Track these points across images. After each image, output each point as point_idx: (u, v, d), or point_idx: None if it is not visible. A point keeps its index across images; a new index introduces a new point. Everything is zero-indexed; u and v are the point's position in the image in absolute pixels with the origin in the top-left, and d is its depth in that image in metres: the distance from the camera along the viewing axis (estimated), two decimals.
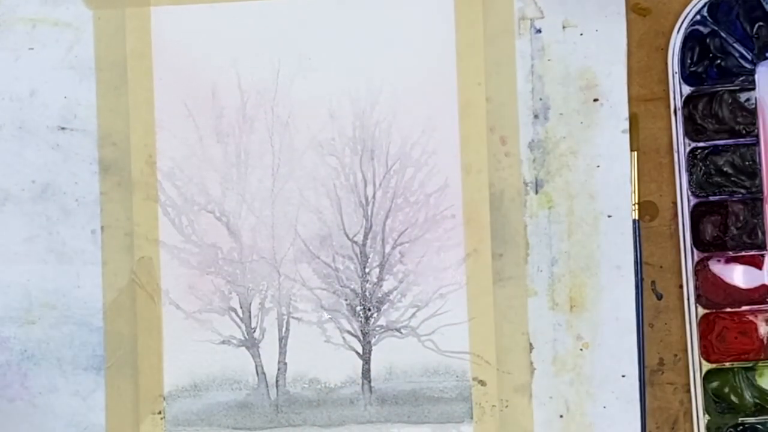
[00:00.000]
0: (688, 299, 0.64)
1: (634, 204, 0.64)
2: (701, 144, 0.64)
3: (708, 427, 0.64)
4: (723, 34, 0.64)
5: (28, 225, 0.65)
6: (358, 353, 0.65)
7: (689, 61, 0.64)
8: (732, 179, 0.64)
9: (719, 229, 0.64)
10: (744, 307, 0.64)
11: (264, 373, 0.65)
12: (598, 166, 0.65)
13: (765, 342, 0.64)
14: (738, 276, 0.64)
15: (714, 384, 0.64)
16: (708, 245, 0.64)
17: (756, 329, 0.64)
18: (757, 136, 0.64)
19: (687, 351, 0.64)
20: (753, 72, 0.64)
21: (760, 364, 0.64)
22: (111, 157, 0.66)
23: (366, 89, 0.65)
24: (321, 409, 0.65)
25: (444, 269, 0.65)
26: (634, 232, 0.64)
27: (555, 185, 0.65)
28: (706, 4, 0.64)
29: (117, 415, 0.65)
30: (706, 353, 0.64)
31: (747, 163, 0.64)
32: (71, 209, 0.65)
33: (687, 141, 0.64)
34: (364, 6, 0.65)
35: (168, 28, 0.66)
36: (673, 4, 0.65)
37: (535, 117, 0.65)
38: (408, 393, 0.65)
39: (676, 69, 0.64)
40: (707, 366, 0.64)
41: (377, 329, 0.65)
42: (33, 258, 0.65)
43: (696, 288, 0.64)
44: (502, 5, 0.65)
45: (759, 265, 0.64)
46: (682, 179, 0.64)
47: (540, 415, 0.64)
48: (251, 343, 0.65)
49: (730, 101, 0.64)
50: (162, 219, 0.65)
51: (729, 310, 0.64)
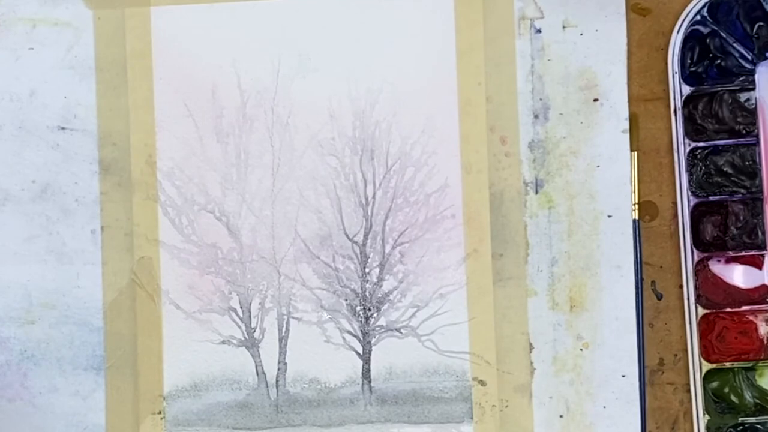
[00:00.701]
0: (688, 299, 0.64)
1: (634, 204, 0.64)
2: (701, 144, 0.64)
3: (708, 427, 0.64)
4: (723, 34, 0.64)
5: (28, 225, 0.65)
6: (358, 353, 0.65)
7: (689, 61, 0.64)
8: (732, 179, 0.64)
9: (719, 229, 0.64)
10: (744, 307, 0.64)
11: (264, 373, 0.65)
12: (598, 166, 0.65)
13: (765, 342, 0.64)
14: (738, 276, 0.64)
15: (714, 384, 0.64)
16: (708, 245, 0.64)
17: (756, 329, 0.64)
18: (757, 136, 0.64)
19: (687, 351, 0.64)
20: (753, 72, 0.64)
21: (760, 364, 0.64)
22: (111, 157, 0.66)
23: (366, 89, 0.65)
24: (321, 409, 0.65)
25: (444, 269, 0.65)
26: (634, 232, 0.64)
27: (555, 185, 0.65)
28: (706, 4, 0.64)
29: (117, 415, 0.65)
30: (706, 353, 0.64)
31: (747, 163, 0.64)
32: (71, 209, 0.65)
33: (687, 141, 0.64)
34: (364, 6, 0.65)
35: (168, 28, 0.66)
36: (673, 4, 0.65)
37: (535, 117, 0.65)
38: (408, 393, 0.65)
39: (676, 69, 0.64)
40: (707, 366, 0.64)
41: (377, 329, 0.65)
42: (33, 258, 0.65)
43: (696, 288, 0.64)
44: (502, 5, 0.65)
45: (759, 265, 0.64)
46: (682, 179, 0.64)
47: (540, 415, 0.64)
48: (251, 343, 0.65)
49: (730, 101, 0.64)
50: (162, 219, 0.65)
51: (729, 310, 0.64)
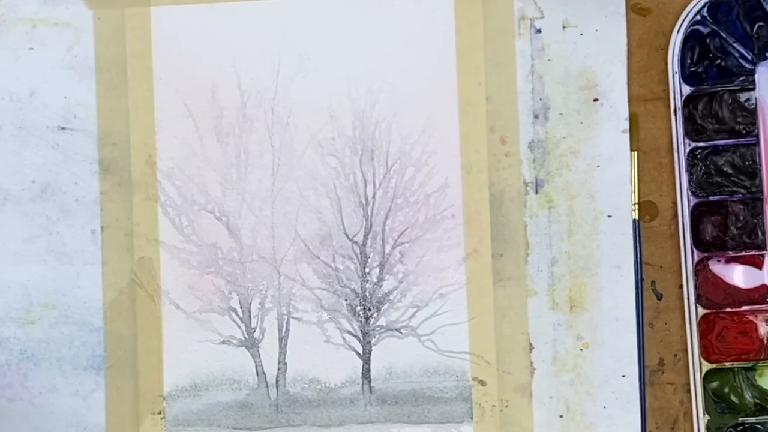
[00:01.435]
0: (688, 299, 0.64)
1: (634, 204, 0.64)
2: (701, 144, 0.64)
3: (708, 427, 0.64)
4: (723, 34, 0.64)
5: (28, 225, 0.65)
6: (358, 353, 0.65)
7: (689, 61, 0.64)
8: (732, 179, 0.64)
9: (719, 229, 0.64)
10: (744, 307, 0.64)
11: (264, 373, 0.65)
12: (598, 166, 0.65)
13: (765, 342, 0.64)
14: (738, 276, 0.64)
15: (714, 384, 0.64)
16: (708, 245, 0.64)
17: (756, 329, 0.64)
18: (757, 136, 0.64)
19: (687, 351, 0.64)
20: (753, 72, 0.64)
21: (760, 364, 0.64)
22: (111, 157, 0.66)
23: (366, 89, 0.65)
24: (321, 409, 0.65)
25: (444, 269, 0.65)
26: (634, 232, 0.64)
27: (555, 185, 0.65)
28: (706, 4, 0.64)
29: (117, 415, 0.65)
30: (706, 353, 0.64)
31: (747, 163, 0.64)
32: (71, 209, 0.65)
33: (687, 141, 0.64)
34: (364, 6, 0.65)
35: (168, 28, 0.66)
36: (673, 4, 0.65)
37: (535, 117, 0.65)
38: (408, 393, 0.65)
39: (676, 69, 0.64)
40: (707, 366, 0.64)
41: (377, 329, 0.65)
42: (33, 258, 0.65)
43: (696, 288, 0.64)
44: (502, 5, 0.65)
45: (759, 265, 0.64)
46: (682, 179, 0.64)
47: (540, 415, 0.64)
48: (251, 343, 0.65)
49: (730, 101, 0.64)
50: (162, 219, 0.65)
51: (729, 310, 0.64)
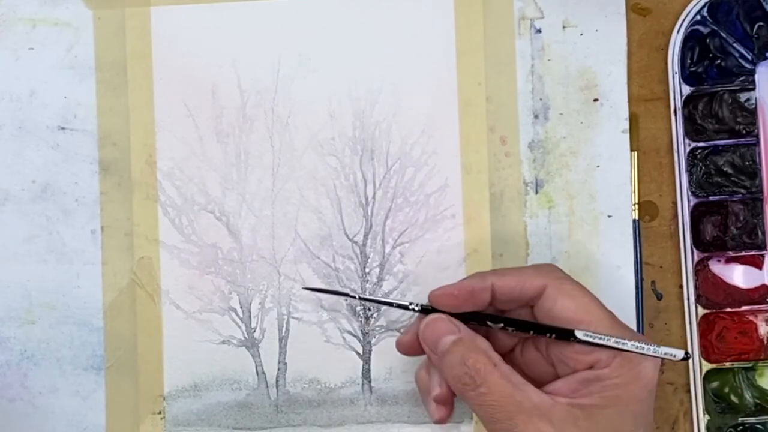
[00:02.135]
0: (688, 299, 0.64)
1: (634, 204, 0.64)
2: (701, 144, 0.64)
3: (708, 427, 0.64)
4: (723, 34, 0.64)
5: (28, 225, 0.65)
6: (358, 353, 0.65)
7: (689, 61, 0.64)
8: (732, 179, 0.64)
9: (719, 229, 0.64)
10: (744, 307, 0.64)
11: (264, 373, 0.65)
12: (598, 166, 0.64)
13: (765, 342, 0.64)
14: (738, 276, 0.64)
15: (714, 384, 0.64)
16: (708, 245, 0.64)
17: (756, 329, 0.64)
18: (757, 136, 0.64)
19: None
20: (753, 72, 0.64)
21: (760, 364, 0.64)
22: (111, 157, 0.66)
23: (366, 89, 0.65)
24: (321, 409, 0.65)
25: (444, 269, 0.65)
26: (634, 232, 0.64)
27: (555, 185, 0.65)
28: (706, 4, 0.64)
29: (117, 415, 0.65)
30: (706, 353, 0.64)
31: (747, 163, 0.64)
32: (71, 209, 0.65)
33: (687, 141, 0.64)
34: (364, 6, 0.65)
35: (168, 28, 0.66)
36: (673, 4, 0.65)
37: (535, 117, 0.65)
38: (408, 393, 0.65)
39: (676, 69, 0.64)
40: (707, 366, 0.64)
41: (377, 329, 0.65)
42: (33, 258, 0.65)
43: (696, 288, 0.64)
44: (502, 5, 0.65)
45: (759, 265, 0.64)
46: (682, 179, 0.64)
47: None
48: (251, 343, 0.65)
49: (730, 101, 0.64)
50: (162, 219, 0.65)
51: (729, 310, 0.64)
